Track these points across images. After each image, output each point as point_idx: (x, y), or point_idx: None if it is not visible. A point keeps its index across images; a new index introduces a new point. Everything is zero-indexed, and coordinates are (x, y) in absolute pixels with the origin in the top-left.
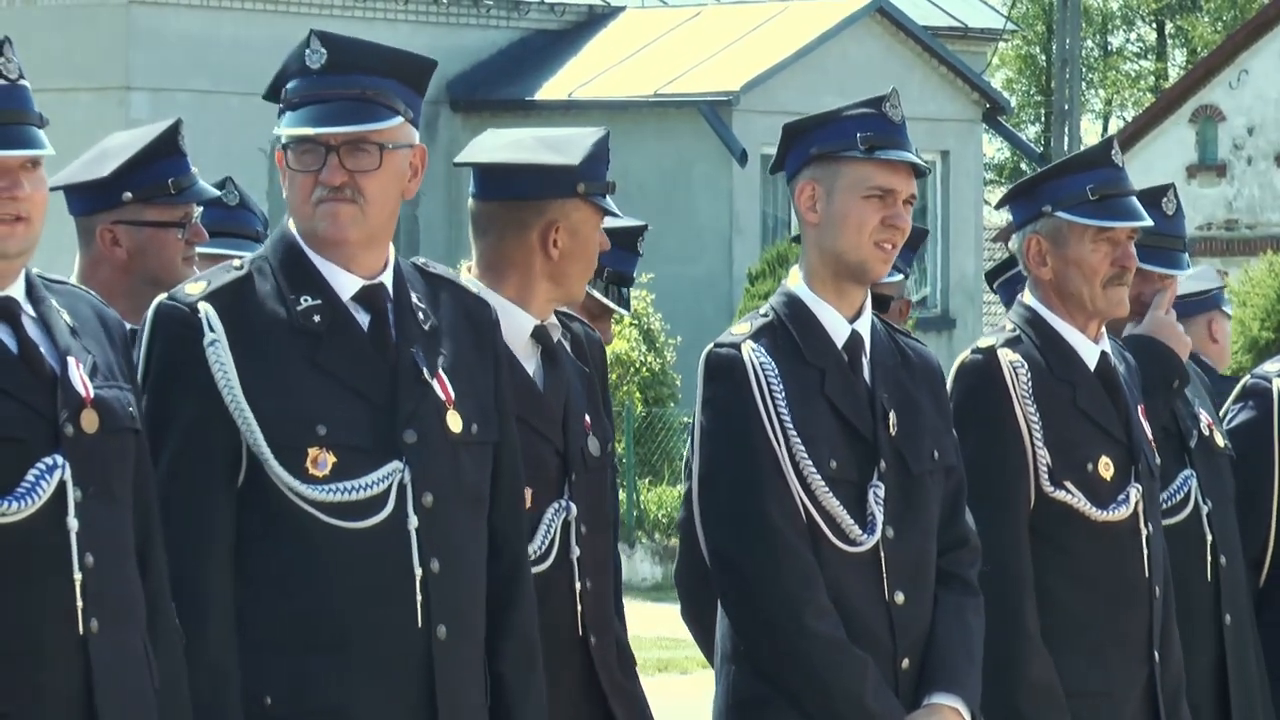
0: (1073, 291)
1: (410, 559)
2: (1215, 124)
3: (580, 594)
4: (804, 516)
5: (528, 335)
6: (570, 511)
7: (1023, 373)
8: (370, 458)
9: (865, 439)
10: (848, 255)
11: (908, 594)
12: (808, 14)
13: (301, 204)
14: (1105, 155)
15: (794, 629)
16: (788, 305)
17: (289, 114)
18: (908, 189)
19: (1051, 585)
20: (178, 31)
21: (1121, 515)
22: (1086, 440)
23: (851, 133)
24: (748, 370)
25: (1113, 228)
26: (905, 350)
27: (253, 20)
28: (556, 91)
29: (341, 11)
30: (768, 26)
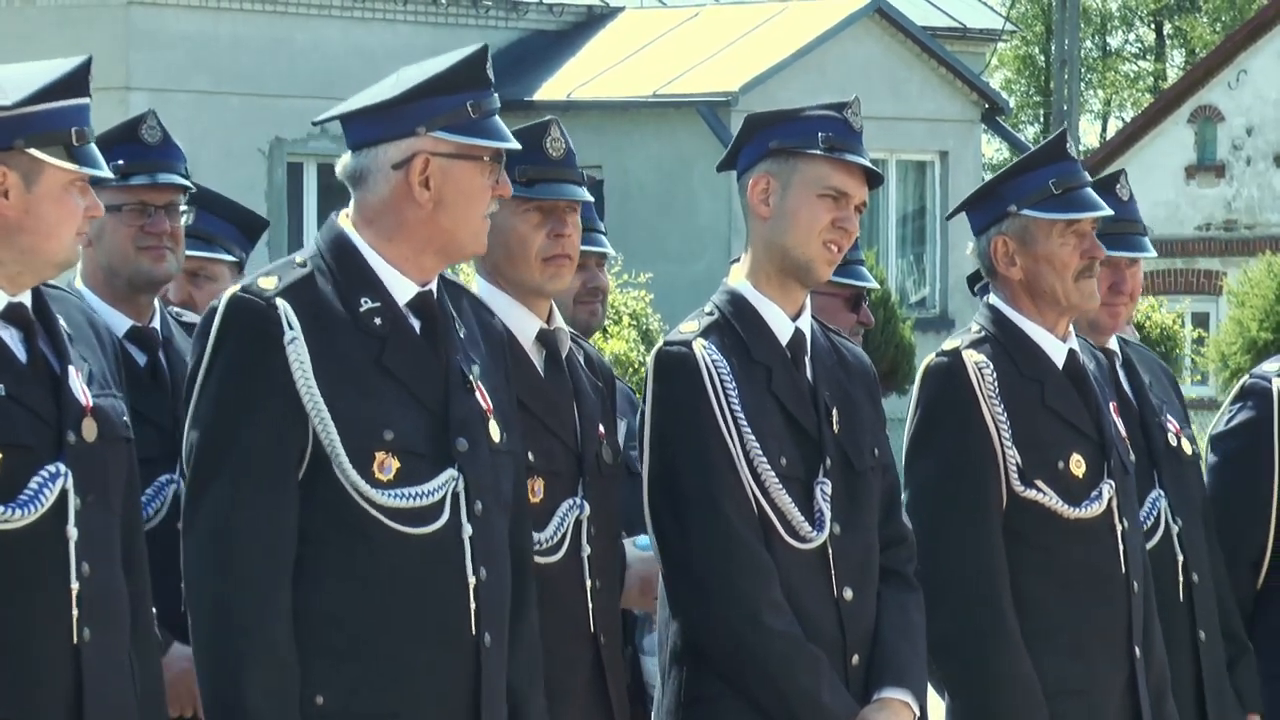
0: (1045, 288)
1: (465, 566)
2: (1214, 124)
3: (591, 591)
4: (756, 513)
5: (532, 338)
6: (584, 510)
7: (988, 373)
8: (430, 464)
9: (811, 436)
10: (795, 252)
11: (855, 590)
12: (807, 14)
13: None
14: (1061, 149)
15: (750, 626)
16: (732, 303)
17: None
18: (860, 195)
19: (1027, 584)
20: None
21: (1094, 512)
22: (1056, 438)
23: (813, 131)
24: (700, 368)
25: (1081, 219)
26: (841, 350)
27: (252, 21)
28: (555, 92)
29: (340, 13)
30: (766, 27)
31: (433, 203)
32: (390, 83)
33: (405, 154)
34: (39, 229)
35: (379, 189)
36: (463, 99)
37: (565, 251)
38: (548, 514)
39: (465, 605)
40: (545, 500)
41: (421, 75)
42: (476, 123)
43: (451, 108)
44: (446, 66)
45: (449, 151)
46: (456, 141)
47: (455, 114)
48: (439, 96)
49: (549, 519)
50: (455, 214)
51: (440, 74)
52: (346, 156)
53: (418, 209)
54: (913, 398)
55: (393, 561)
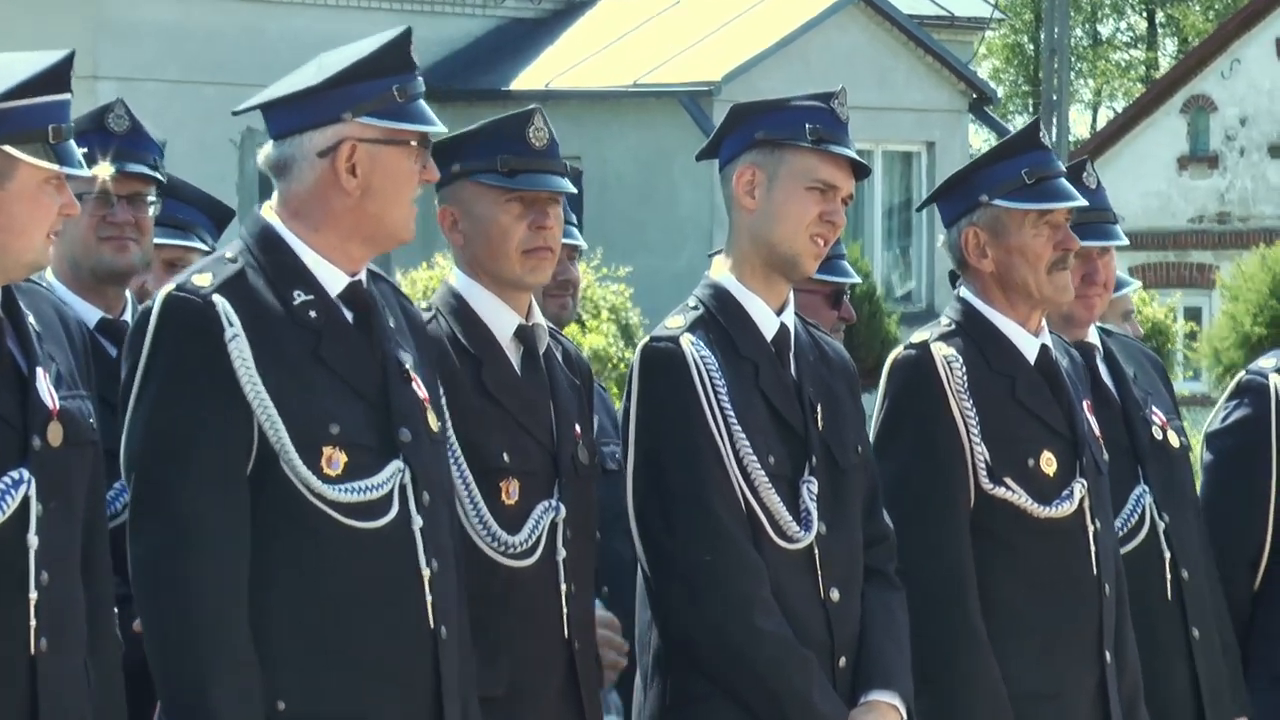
0: (1017, 281)
1: (418, 559)
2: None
3: (566, 596)
4: (745, 512)
5: (510, 334)
6: (559, 512)
7: (957, 367)
8: (376, 456)
9: (797, 434)
10: (781, 246)
11: (841, 591)
12: (790, 2)
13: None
14: (1034, 138)
15: (742, 628)
16: (716, 297)
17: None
18: (848, 187)
19: (995, 584)
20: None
21: (1065, 511)
22: (1027, 435)
23: (800, 122)
24: (689, 364)
25: (1054, 209)
26: (822, 346)
27: (225, 10)
28: (533, 81)
29: (314, 2)
30: (749, 15)
31: (360, 190)
32: (312, 69)
33: (331, 141)
34: (10, 227)
35: (304, 178)
36: (388, 83)
37: (547, 244)
38: (523, 516)
39: (421, 599)
40: (520, 502)
41: (345, 60)
42: (403, 107)
43: (377, 93)
44: (371, 51)
45: (376, 137)
46: (384, 126)
47: (381, 99)
48: (364, 82)
49: (524, 521)
50: (383, 201)
51: (365, 58)
52: (268, 146)
53: (345, 197)
54: (880, 391)
55: (345, 558)
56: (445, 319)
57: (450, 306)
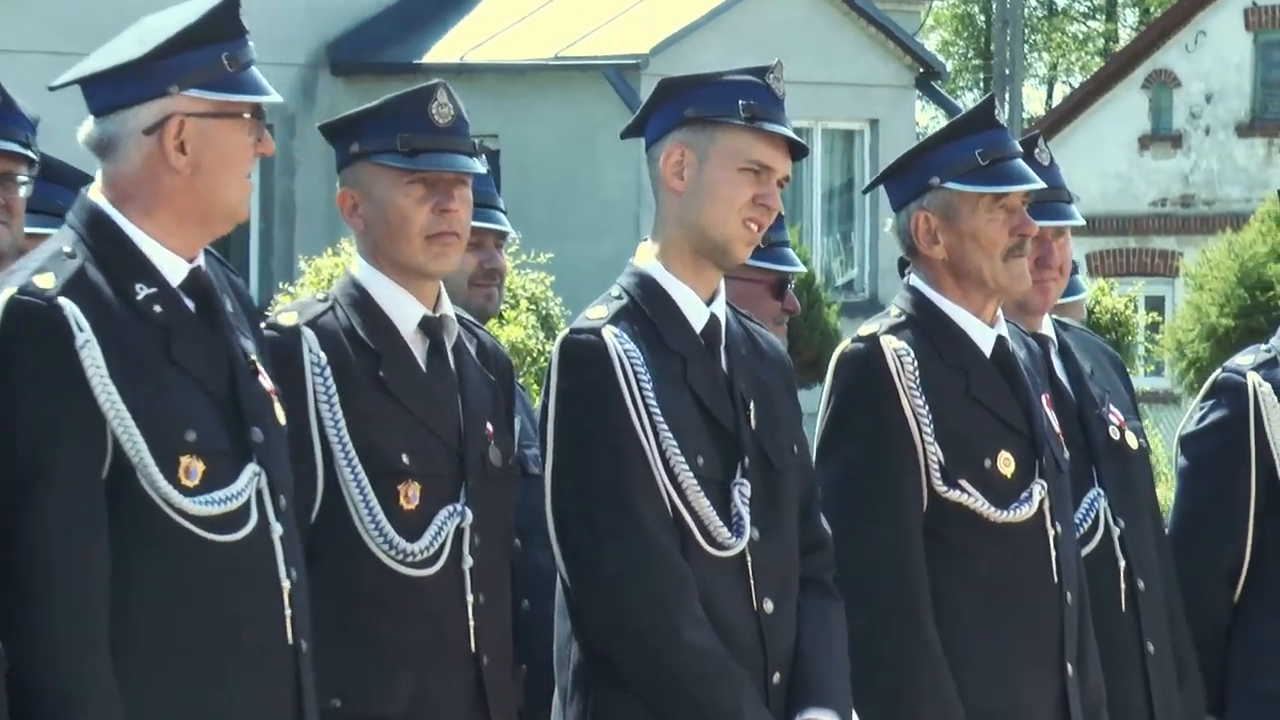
0: (970, 269)
1: (277, 570)
2: (1170, 90)
3: (473, 607)
4: (672, 518)
5: (414, 326)
6: (465, 518)
7: (909, 361)
8: (232, 462)
9: (728, 433)
10: (711, 231)
11: (776, 601)
12: None
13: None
14: (989, 116)
15: (669, 642)
16: (641, 286)
17: None
18: (784, 168)
19: (950, 594)
20: None
21: (1024, 515)
22: (983, 433)
23: (733, 99)
24: (611, 358)
25: (1010, 192)
26: (755, 338)
27: None
28: (447, 54)
29: None
30: None
31: (190, 168)
32: (133, 37)
33: (158, 116)
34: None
35: (131, 158)
36: (217, 51)
37: (452, 229)
38: (423, 522)
39: (280, 612)
40: (421, 507)
41: (169, 28)
42: (234, 77)
43: (205, 62)
44: (197, 17)
45: (205, 111)
46: (214, 99)
47: (210, 69)
48: (191, 51)
49: (424, 528)
50: (216, 179)
51: (191, 26)
52: (89, 124)
53: (174, 176)
54: (825, 387)
55: (205, 574)
56: (344, 310)
57: (351, 297)
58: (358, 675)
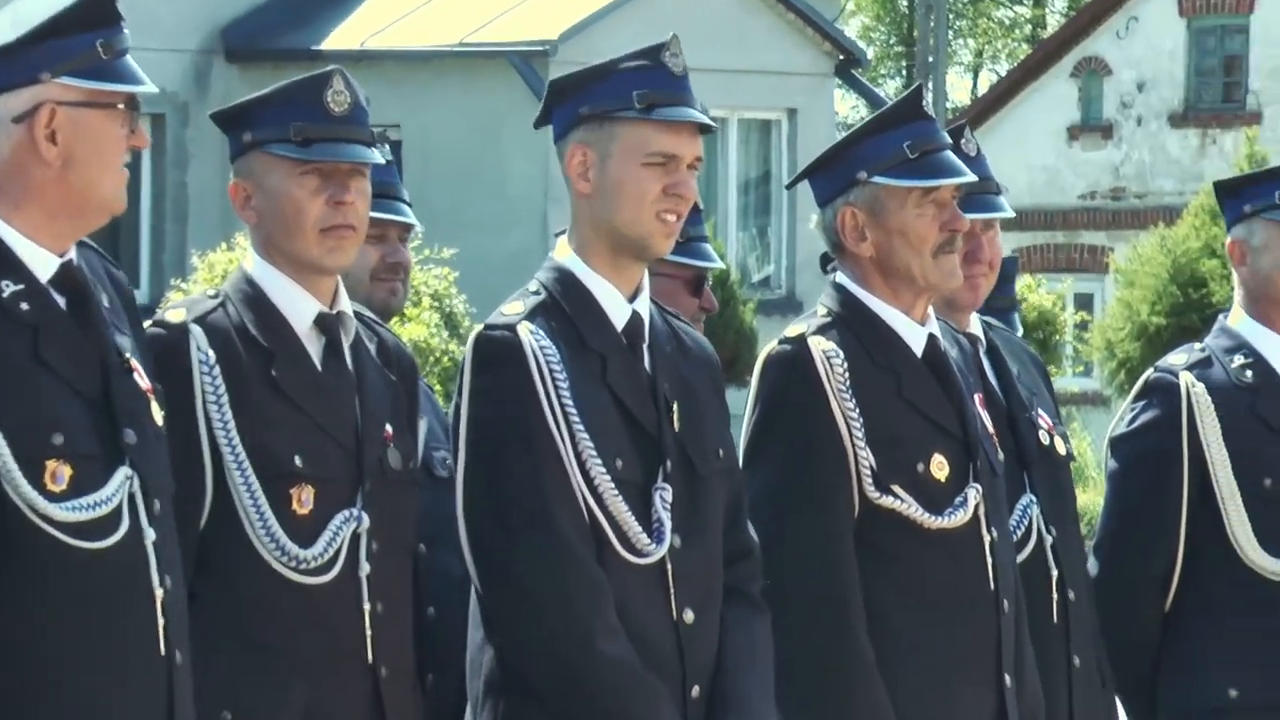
0: (899, 266)
1: (150, 578)
2: (1100, 79)
3: (370, 616)
4: (588, 523)
5: (309, 323)
6: (361, 523)
7: (838, 363)
8: (101, 465)
9: (650, 435)
10: (626, 230)
11: (697, 612)
12: None
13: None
14: (917, 107)
15: (582, 653)
16: (560, 281)
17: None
18: (692, 152)
19: (882, 603)
20: None
21: (959, 521)
22: (915, 437)
23: (626, 89)
24: (526, 355)
25: (940, 186)
26: (681, 336)
27: None
28: (347, 40)
29: None
30: None
31: (61, 160)
32: (5, 21)
33: (28, 104)
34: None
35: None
36: (91, 39)
37: (347, 222)
38: (317, 528)
39: (153, 622)
40: (315, 512)
41: (42, 13)
42: (108, 65)
43: (79, 50)
44: (72, 1)
45: (78, 99)
46: (87, 87)
47: (84, 56)
48: (63, 37)
49: (319, 534)
50: (89, 171)
51: (65, 11)
52: None
53: (45, 168)
54: (751, 391)
55: (72, 583)
56: (235, 307)
57: (243, 294)
58: (249, 687)
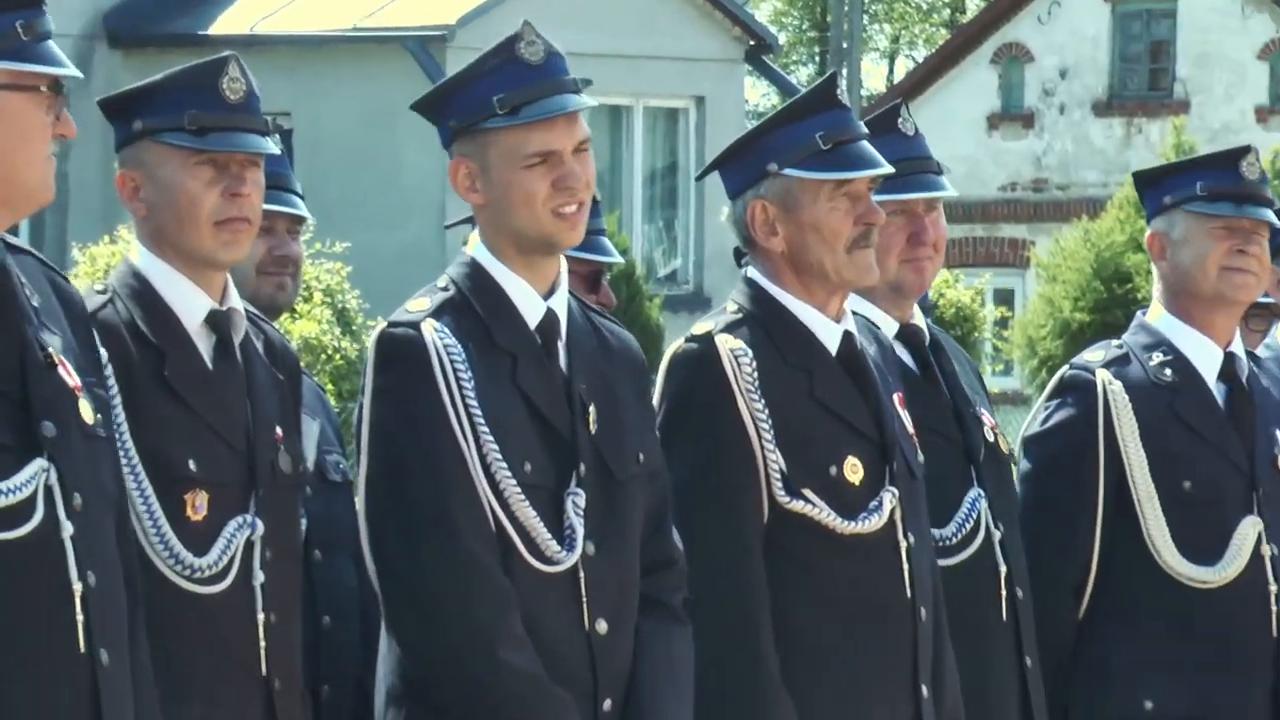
0: (812, 261)
1: (68, 571)
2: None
3: (264, 627)
4: (494, 529)
5: (200, 320)
6: (255, 529)
7: (746, 362)
8: (15, 456)
9: (562, 438)
10: (527, 232)
11: (611, 622)
12: None
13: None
14: (831, 95)
15: (485, 663)
16: (471, 277)
17: None
18: (572, 140)
19: (793, 612)
20: None
21: (874, 526)
22: (828, 438)
23: (486, 95)
24: (430, 354)
25: (854, 179)
26: (604, 334)
27: None
28: (236, 25)
29: None
30: None
31: None
32: None
33: None
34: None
35: None
36: (11, 19)
37: (243, 214)
38: (211, 535)
39: (70, 618)
40: (209, 518)
41: None
42: (28, 46)
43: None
44: None
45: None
46: (7, 68)
47: (4, 38)
48: None
49: (213, 541)
50: (13, 158)
51: None
52: None
53: None
54: (656, 391)
55: None
56: (123, 303)
57: (130, 289)
58: None
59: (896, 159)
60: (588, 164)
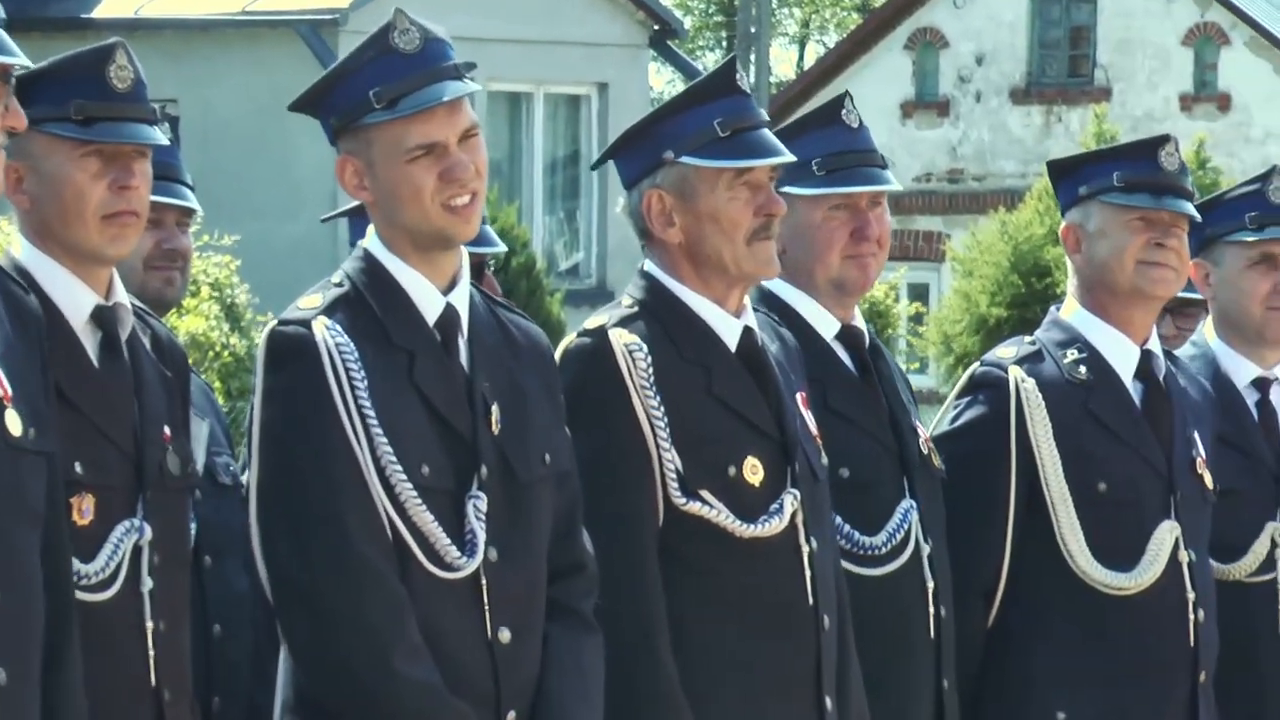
0: (710, 253)
1: None
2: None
3: (153, 636)
4: (389, 534)
5: (86, 316)
6: (143, 534)
7: (641, 357)
8: None
9: (463, 439)
10: (419, 228)
11: (515, 630)
12: None
13: None
14: (730, 80)
15: (379, 673)
16: (366, 273)
17: None
18: (457, 128)
19: (690, 619)
20: None
21: (774, 529)
22: (726, 437)
23: (363, 90)
24: (321, 353)
25: (754, 167)
26: (509, 328)
27: None
28: (120, 8)
29: None
30: None
31: None
32: None
33: None
34: None
35: None
36: None
37: (131, 207)
38: (98, 540)
39: None
40: (96, 522)
41: None
42: None
43: None
44: None
45: None
46: None
47: None
48: None
49: (100, 546)
50: None
51: None
52: None
53: None
54: None
55: None
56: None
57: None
58: None
59: (840, 151)
60: (476, 152)
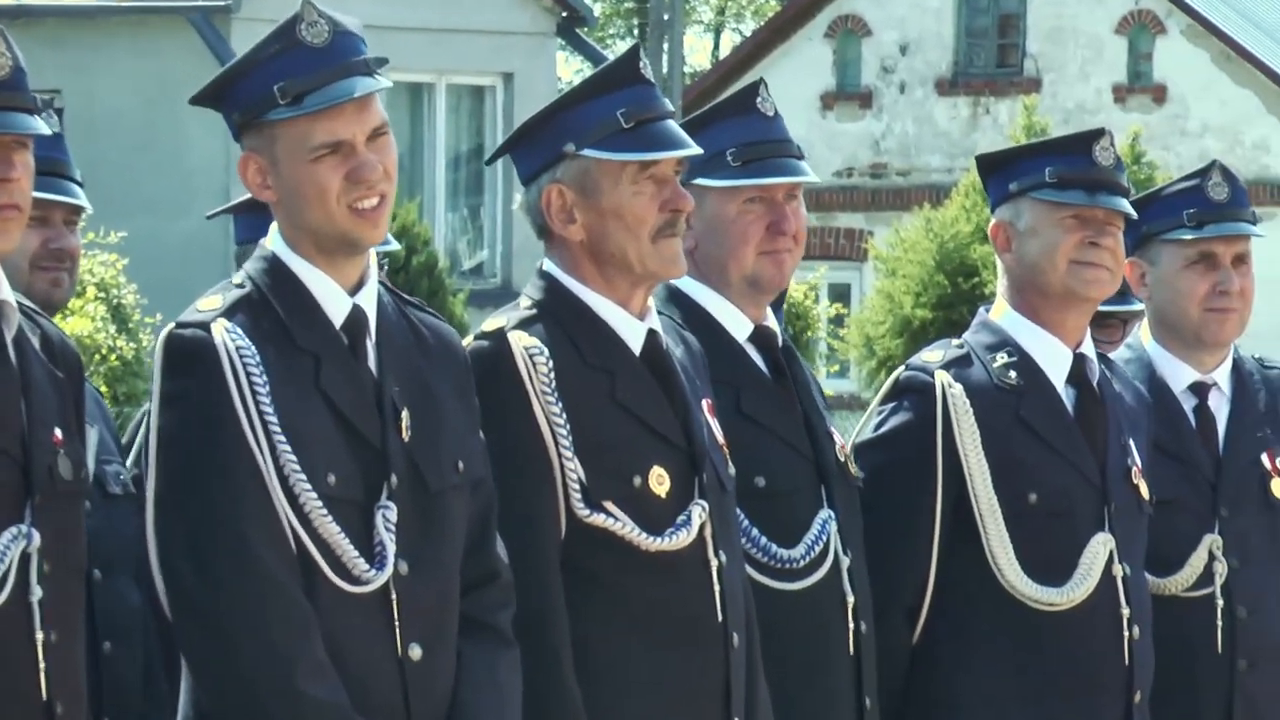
0: (613, 251)
1: None
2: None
3: (44, 647)
4: (293, 546)
5: None
6: (31, 541)
7: (541, 361)
8: None
9: (372, 446)
10: (324, 230)
11: (426, 646)
12: None
13: None
14: (633, 69)
15: (281, 692)
16: (269, 273)
17: None
18: (365, 126)
19: (594, 636)
20: None
21: (681, 542)
22: (631, 445)
23: (267, 84)
24: (220, 357)
25: (659, 160)
26: (420, 329)
27: None
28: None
29: None
30: None
31: None
32: None
33: None
34: None
35: None
36: None
37: (12, 201)
38: None
39: None
40: None
41: None
42: None
43: None
44: None
45: None
46: None
47: None
48: None
49: None
50: None
51: None
52: None
53: None
54: None
55: None
56: None
57: None
58: None
59: (756, 141)
60: (386, 152)
